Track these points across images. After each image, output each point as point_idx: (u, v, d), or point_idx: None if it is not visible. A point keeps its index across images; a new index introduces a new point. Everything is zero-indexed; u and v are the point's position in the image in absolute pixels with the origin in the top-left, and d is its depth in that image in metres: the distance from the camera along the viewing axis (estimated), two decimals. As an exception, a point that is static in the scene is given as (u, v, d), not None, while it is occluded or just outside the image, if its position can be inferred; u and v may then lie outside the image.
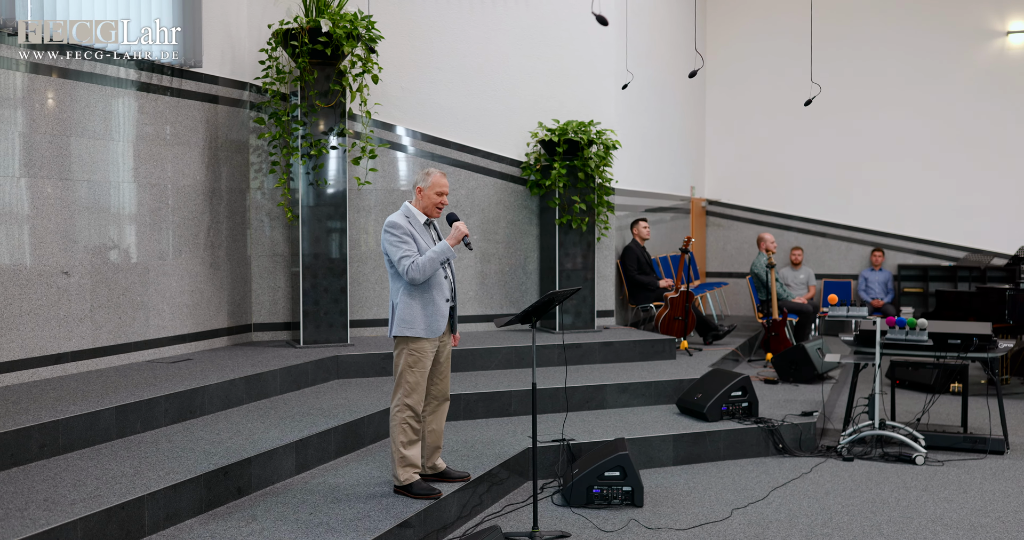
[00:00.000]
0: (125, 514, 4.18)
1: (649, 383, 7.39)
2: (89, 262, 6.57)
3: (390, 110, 8.51)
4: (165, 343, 7.25)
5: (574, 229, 8.79)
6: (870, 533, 4.97)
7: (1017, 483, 5.92)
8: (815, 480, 5.97)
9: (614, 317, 9.60)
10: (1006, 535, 4.95)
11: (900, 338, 6.50)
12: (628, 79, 9.10)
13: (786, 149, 13.39)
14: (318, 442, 5.56)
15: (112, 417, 5.36)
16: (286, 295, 8.22)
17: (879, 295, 12.37)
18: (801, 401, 7.42)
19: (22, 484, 4.44)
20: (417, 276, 4.76)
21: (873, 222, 12.96)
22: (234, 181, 7.92)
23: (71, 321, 6.45)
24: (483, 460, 5.60)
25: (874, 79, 12.98)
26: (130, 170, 6.91)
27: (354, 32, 7.53)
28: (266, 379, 6.65)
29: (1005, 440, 6.72)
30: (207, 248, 7.65)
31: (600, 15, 7.54)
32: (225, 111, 7.81)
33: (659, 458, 6.35)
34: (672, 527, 5.08)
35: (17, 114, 6.05)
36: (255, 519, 4.51)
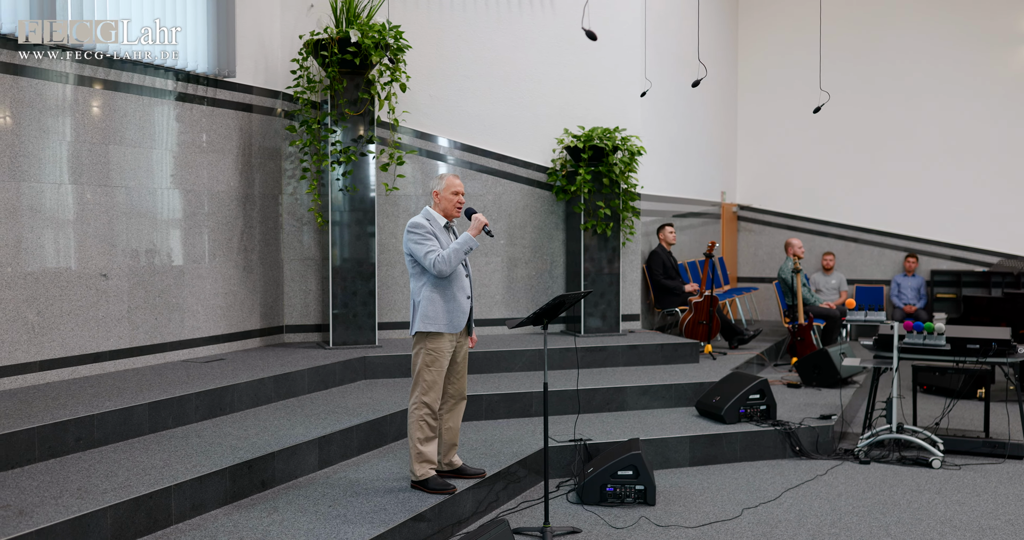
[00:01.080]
0: (153, 503, 4.40)
1: (669, 386, 7.50)
2: (127, 265, 6.84)
3: (419, 117, 8.71)
4: (199, 343, 7.50)
5: (599, 234, 8.92)
6: (877, 534, 5.04)
7: (1032, 487, 5.95)
8: (829, 482, 6.04)
9: (640, 321, 9.71)
10: (1014, 537, 4.99)
11: (918, 342, 6.54)
12: (648, 87, 9.18)
13: (818, 154, 13.38)
14: (341, 439, 5.75)
15: (145, 413, 5.60)
16: (317, 298, 8.45)
17: (911, 300, 12.32)
18: (822, 405, 7.47)
19: (58, 474, 4.68)
20: (444, 268, 4.93)
21: (906, 227, 12.91)
22: (267, 187, 8.17)
23: (109, 321, 6.72)
24: (500, 458, 5.75)
25: (908, 85, 12.94)
26: (167, 177, 7.18)
27: (382, 42, 7.75)
28: (294, 378, 6.87)
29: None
30: (240, 252, 7.90)
31: (589, 30, 7.67)
32: (259, 119, 8.06)
33: (675, 459, 6.45)
34: (682, 525, 5.19)
35: (62, 124, 6.34)
36: (276, 510, 4.71)
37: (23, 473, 4.70)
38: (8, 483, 4.50)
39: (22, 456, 4.83)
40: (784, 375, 8.89)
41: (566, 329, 9.29)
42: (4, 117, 5.98)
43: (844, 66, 13.13)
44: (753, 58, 13.75)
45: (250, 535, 4.33)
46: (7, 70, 5.98)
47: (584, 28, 7.70)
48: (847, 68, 13.13)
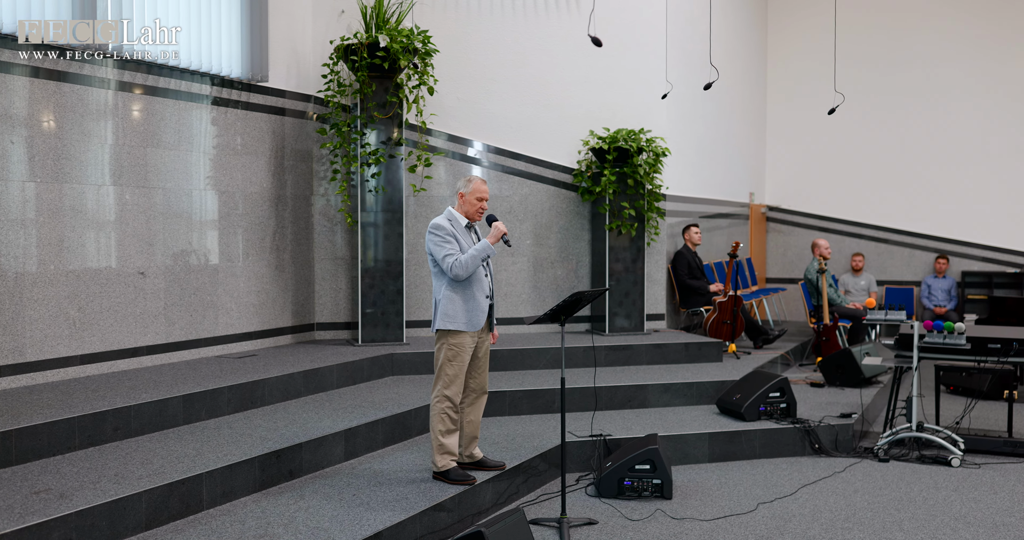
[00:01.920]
0: (185, 489, 4.61)
1: (691, 384, 7.61)
2: (163, 264, 7.09)
3: (446, 120, 8.89)
4: (233, 340, 7.74)
5: (624, 234, 9.04)
6: (890, 529, 5.12)
7: (1051, 485, 5.99)
8: (846, 479, 6.12)
9: (665, 321, 9.81)
10: (1026, 533, 5.06)
11: (938, 342, 6.59)
12: (669, 89, 9.27)
13: (848, 155, 13.38)
14: (366, 431, 5.94)
15: (179, 405, 5.83)
16: (347, 296, 8.65)
17: (942, 302, 12.29)
18: (844, 404, 7.53)
19: (96, 461, 4.91)
20: (460, 272, 5.10)
21: (937, 228, 12.87)
22: (299, 188, 8.39)
23: (147, 318, 6.97)
24: (521, 452, 5.90)
25: (939, 86, 12.91)
26: (202, 178, 7.42)
27: (410, 46, 7.94)
28: (323, 374, 7.07)
29: (1047, 443, 6.76)
30: (273, 251, 8.12)
31: (595, 37, 7.80)
32: (291, 122, 8.29)
33: (694, 455, 6.56)
34: (696, 518, 5.31)
35: (103, 127, 6.60)
36: (303, 498, 4.90)
37: (64, 460, 4.93)
38: (50, 469, 4.74)
39: (63, 444, 5.07)
40: (808, 375, 8.95)
41: (591, 328, 9.42)
42: (48, 121, 6.24)
43: (874, 68, 13.14)
44: (782, 60, 13.79)
45: (277, 521, 4.52)
46: (51, 76, 6.25)
47: (590, 35, 7.83)
48: (877, 70, 13.13)
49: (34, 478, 4.57)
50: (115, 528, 4.23)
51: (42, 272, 6.20)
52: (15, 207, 6.03)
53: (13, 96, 6.03)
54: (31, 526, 3.88)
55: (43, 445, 4.97)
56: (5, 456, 4.79)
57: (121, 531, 4.25)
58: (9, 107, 6.00)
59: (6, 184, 5.97)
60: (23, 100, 6.09)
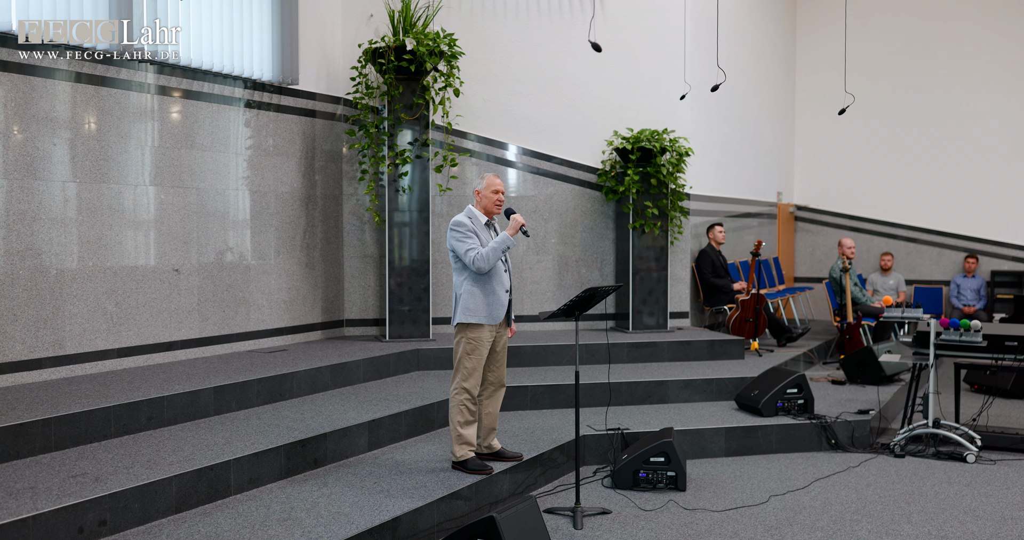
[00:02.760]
0: (213, 475, 4.83)
1: (711, 380, 7.71)
2: (197, 261, 7.34)
3: (473, 121, 9.08)
4: (264, 335, 7.98)
5: (647, 233, 9.17)
6: (898, 521, 5.22)
7: (1065, 481, 6.04)
8: (860, 473, 6.21)
9: (689, 319, 9.92)
10: (1034, 526, 5.13)
11: (954, 339, 6.65)
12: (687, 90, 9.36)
13: (877, 155, 13.36)
14: (390, 423, 6.13)
15: (211, 396, 6.06)
16: (375, 293, 8.86)
17: (971, 301, 12.25)
18: (863, 401, 7.60)
19: (130, 448, 5.15)
20: (483, 265, 5.28)
21: (967, 228, 12.82)
22: (328, 188, 8.62)
23: (181, 313, 7.22)
24: (539, 444, 6.06)
25: (968, 84, 12.86)
26: (235, 179, 7.67)
27: (436, 49, 8.13)
28: (350, 368, 7.28)
29: (1064, 441, 6.79)
30: (303, 249, 8.36)
31: (595, 43, 7.94)
32: (321, 124, 8.52)
33: (711, 449, 6.68)
34: (708, 509, 5.44)
35: (140, 130, 6.86)
36: (326, 485, 5.10)
37: (99, 447, 5.18)
38: (86, 455, 4.98)
39: (99, 432, 5.32)
40: (831, 372, 9.01)
41: (615, 325, 9.56)
42: (88, 124, 6.52)
43: (904, 68, 13.12)
44: (811, 61, 13.80)
45: (300, 506, 4.72)
46: (91, 81, 6.52)
47: (590, 41, 7.98)
48: (906, 70, 13.12)
49: (71, 463, 4.82)
50: (146, 510, 4.45)
51: (81, 269, 6.47)
52: (57, 206, 6.31)
53: (55, 100, 6.30)
54: (68, 506, 4.12)
55: (80, 433, 5.22)
56: (45, 442, 5.04)
57: (152, 513, 4.48)
58: (51, 110, 6.28)
59: (48, 184, 6.24)
60: (65, 104, 6.37)
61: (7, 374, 6.02)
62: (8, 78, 6.02)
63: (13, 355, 6.07)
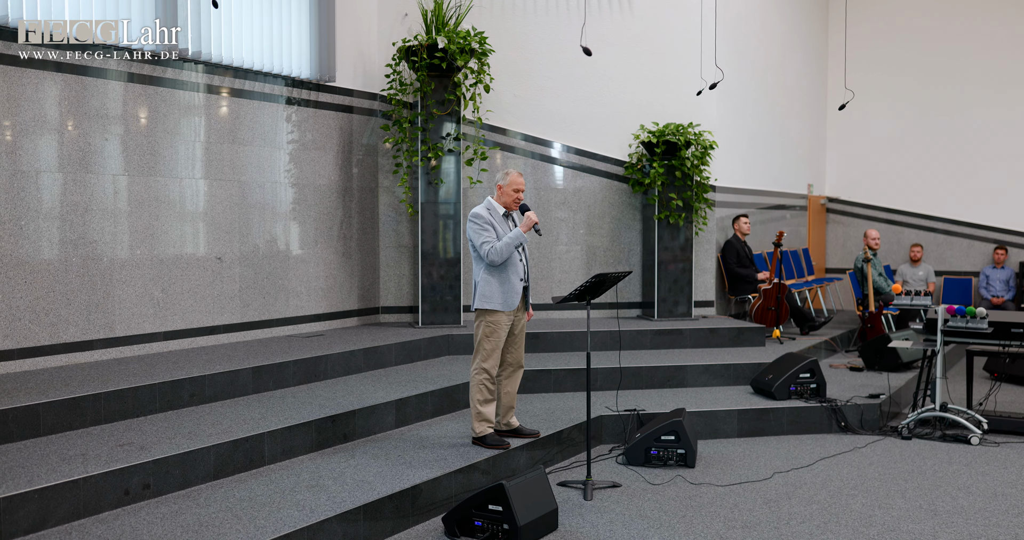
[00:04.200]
0: (249, 446, 5.24)
1: (729, 365, 7.98)
2: (239, 250, 7.78)
3: (503, 115, 9.42)
4: (302, 321, 8.41)
5: (672, 224, 9.44)
6: (892, 496, 5.47)
7: (1066, 463, 6.23)
8: (866, 454, 6.45)
9: (715, 307, 10.17)
10: (1022, 502, 5.35)
11: (960, 326, 6.85)
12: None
13: (908, 147, 13.46)
14: (417, 402, 6.51)
15: (249, 376, 6.48)
16: (410, 282, 9.25)
17: (1000, 292, 12.32)
18: (876, 386, 7.82)
19: (173, 422, 5.58)
20: (496, 258, 5.62)
21: (996, 219, 12.88)
22: (364, 181, 9.03)
23: (223, 299, 7.67)
24: (558, 423, 6.40)
25: (998, 77, 12.90)
26: (276, 172, 8.09)
27: (467, 47, 8.48)
28: (383, 352, 7.67)
29: (1070, 426, 6.96)
30: (340, 239, 8.77)
31: (586, 48, 8.23)
32: (358, 119, 8.92)
33: (724, 430, 6.96)
34: (713, 483, 5.74)
35: (186, 126, 7.31)
36: (353, 457, 5.49)
37: (145, 421, 5.62)
38: (133, 427, 5.42)
39: (145, 407, 5.76)
40: (851, 360, 9.22)
41: (642, 314, 9.84)
42: (140, 120, 6.97)
43: (935, 62, 13.19)
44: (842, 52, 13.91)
45: (328, 474, 5.11)
46: (141, 80, 6.97)
47: (582, 46, 8.26)
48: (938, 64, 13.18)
49: (119, 434, 5.26)
50: (186, 476, 4.87)
51: (131, 257, 6.94)
52: (108, 199, 6.77)
53: (106, 98, 6.76)
54: (115, 471, 4.55)
55: (128, 407, 5.67)
56: (95, 416, 5.49)
57: (192, 479, 4.90)
58: (102, 108, 6.74)
59: (99, 177, 6.71)
60: (116, 102, 6.83)
61: (62, 354, 6.50)
62: (63, 78, 6.48)
63: (67, 337, 6.54)
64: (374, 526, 4.70)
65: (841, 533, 4.86)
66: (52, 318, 6.43)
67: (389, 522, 4.80)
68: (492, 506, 4.68)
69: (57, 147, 6.47)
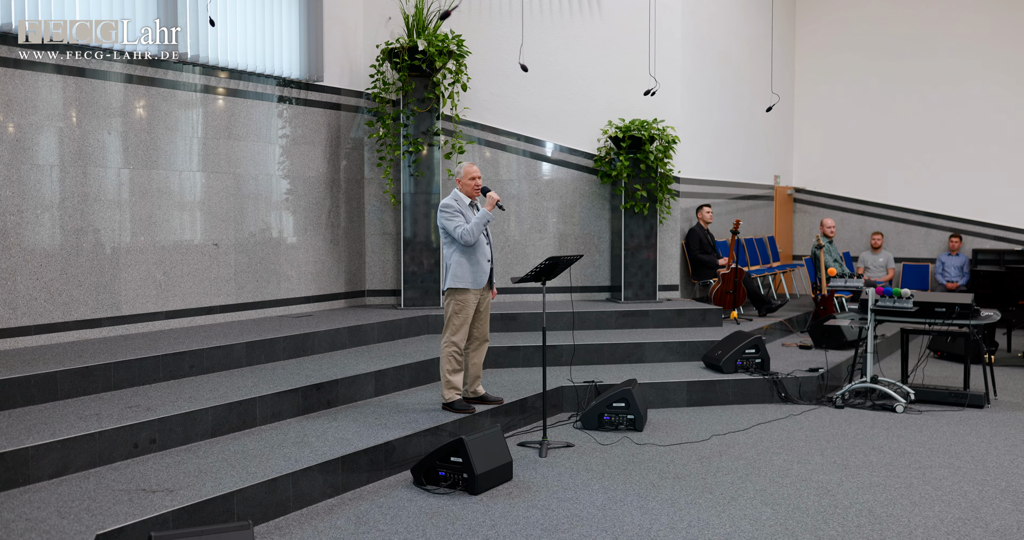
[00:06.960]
0: (242, 408, 5.94)
1: (684, 343, 8.69)
2: (234, 237, 8.46)
3: (481, 112, 10.09)
4: (293, 302, 9.10)
5: (637, 213, 10.14)
6: (812, 453, 6.19)
7: (971, 425, 6.97)
8: (799, 420, 7.17)
9: (679, 291, 10.88)
10: (926, 460, 6.06)
11: (888, 305, 7.56)
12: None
13: (871, 140, 14.15)
14: (394, 373, 7.21)
15: (243, 350, 7.18)
16: (393, 267, 9.94)
17: (954, 278, 13.04)
18: (819, 362, 8.52)
19: (175, 388, 6.27)
20: (469, 238, 6.31)
21: (952, 208, 13.60)
22: (351, 173, 9.71)
23: (220, 282, 8.36)
24: (521, 392, 7.11)
25: (955, 70, 13.59)
26: (268, 165, 8.77)
27: (445, 49, 9.15)
28: (366, 330, 8.37)
29: (986, 396, 7.68)
30: (329, 227, 9.45)
31: (523, 65, 9.13)
32: (345, 116, 9.60)
33: (674, 400, 7.68)
34: (656, 444, 6.45)
35: (185, 122, 7.98)
36: (335, 420, 6.19)
37: (150, 388, 6.31)
38: (139, 394, 6.11)
39: (150, 376, 6.45)
40: (801, 339, 9.93)
41: (610, 296, 10.54)
42: (141, 118, 7.64)
43: (897, 56, 13.89)
44: (809, 52, 14.61)
45: (312, 433, 5.81)
46: (142, 81, 7.64)
47: (520, 63, 9.12)
48: (899, 58, 13.88)
49: (128, 398, 5.95)
50: (187, 433, 5.57)
51: (134, 243, 7.62)
52: (112, 190, 7.45)
53: (110, 98, 7.43)
54: (125, 427, 5.25)
55: (135, 376, 6.36)
56: (106, 383, 6.18)
57: (192, 436, 5.60)
58: (107, 107, 7.41)
59: (105, 170, 7.38)
60: (119, 101, 7.50)
61: (73, 330, 7.19)
62: (73, 80, 7.15)
63: (78, 315, 7.23)
64: (351, 476, 5.40)
65: (759, 482, 5.57)
66: (64, 298, 7.12)
67: (364, 473, 5.51)
68: (453, 458, 5.40)
69: (66, 143, 7.14)
